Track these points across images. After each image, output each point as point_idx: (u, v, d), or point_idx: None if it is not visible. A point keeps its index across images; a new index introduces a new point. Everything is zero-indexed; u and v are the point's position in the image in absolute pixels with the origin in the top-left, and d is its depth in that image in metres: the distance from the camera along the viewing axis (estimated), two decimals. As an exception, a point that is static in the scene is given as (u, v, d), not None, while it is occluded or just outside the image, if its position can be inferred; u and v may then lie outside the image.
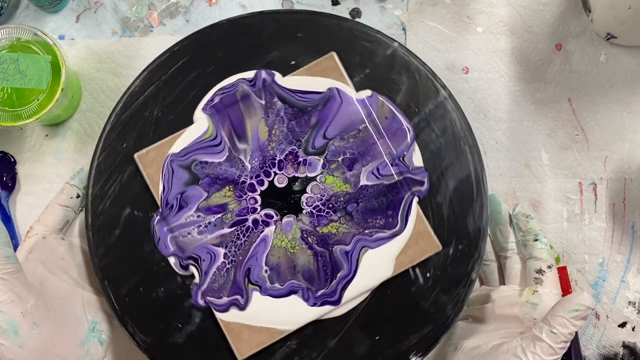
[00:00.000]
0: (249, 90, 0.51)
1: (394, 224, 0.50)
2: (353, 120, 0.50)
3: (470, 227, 0.50)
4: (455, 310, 0.50)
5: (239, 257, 0.50)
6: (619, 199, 0.58)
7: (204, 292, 0.49)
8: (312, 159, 0.51)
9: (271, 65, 0.52)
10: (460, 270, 0.50)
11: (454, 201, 0.51)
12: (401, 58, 0.52)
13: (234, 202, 0.50)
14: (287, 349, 0.50)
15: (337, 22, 0.52)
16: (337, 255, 0.50)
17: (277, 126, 0.51)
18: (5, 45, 0.52)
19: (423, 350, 0.50)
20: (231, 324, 0.49)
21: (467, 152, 0.51)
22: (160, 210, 0.50)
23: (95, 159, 0.51)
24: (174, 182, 0.50)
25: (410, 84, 0.52)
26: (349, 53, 0.52)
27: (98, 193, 0.51)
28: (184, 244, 0.50)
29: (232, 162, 0.50)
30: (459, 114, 0.52)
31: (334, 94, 0.51)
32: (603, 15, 0.54)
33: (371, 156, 0.50)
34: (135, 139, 0.51)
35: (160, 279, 0.50)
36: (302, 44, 0.52)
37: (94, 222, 0.50)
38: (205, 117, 0.51)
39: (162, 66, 0.52)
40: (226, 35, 0.52)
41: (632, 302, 0.57)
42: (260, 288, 0.49)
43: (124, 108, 0.51)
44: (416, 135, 0.51)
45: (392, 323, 0.50)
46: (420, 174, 0.50)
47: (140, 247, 0.50)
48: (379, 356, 0.50)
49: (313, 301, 0.49)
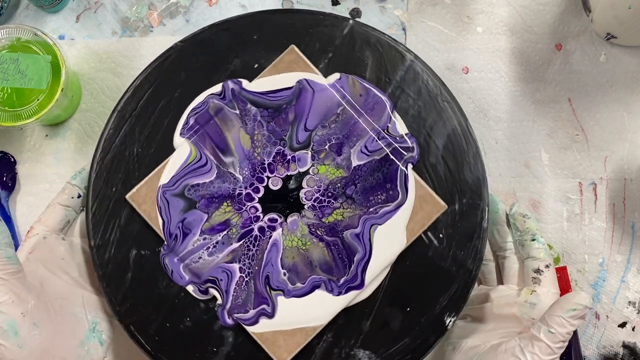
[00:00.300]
0: (220, 103, 0.51)
1: (396, 195, 0.50)
2: (329, 106, 0.51)
3: (469, 179, 0.51)
4: (476, 262, 0.50)
5: (254, 267, 0.50)
6: (619, 199, 0.57)
7: (229, 310, 0.49)
8: (300, 154, 0.51)
9: (236, 73, 0.52)
10: (471, 223, 0.51)
11: (447, 158, 0.51)
12: (359, 34, 0.52)
13: (236, 216, 0.50)
14: (325, 343, 0.50)
15: (288, 15, 0.52)
16: (349, 240, 0.50)
17: (258, 131, 0.51)
18: (5, 45, 0.52)
19: (455, 309, 0.50)
20: (264, 334, 0.49)
21: (446, 107, 0.51)
22: (166, 243, 0.50)
23: (90, 210, 0.50)
24: (171, 213, 0.50)
25: (375, 56, 0.52)
26: (308, 42, 0.52)
27: (100, 243, 0.50)
28: (198, 269, 0.50)
29: (224, 178, 0.50)
30: (429, 73, 0.52)
31: (304, 86, 0.51)
32: (603, 15, 0.54)
33: (356, 136, 0.50)
34: (122, 180, 0.51)
35: (183, 309, 0.50)
36: (260, 45, 0.52)
37: (105, 272, 0.50)
38: (185, 141, 0.50)
39: (130, 103, 0.52)
40: (183, 57, 0.52)
41: (632, 302, 0.57)
42: (283, 292, 0.49)
43: (104, 153, 0.51)
44: (394, 104, 0.51)
45: (418, 291, 0.51)
46: (407, 140, 0.51)
47: (156, 284, 0.50)
48: (414, 326, 0.50)
49: (337, 291, 0.49)
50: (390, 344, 0.50)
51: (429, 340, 0.50)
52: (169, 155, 0.51)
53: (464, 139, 0.51)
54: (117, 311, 0.50)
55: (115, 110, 0.52)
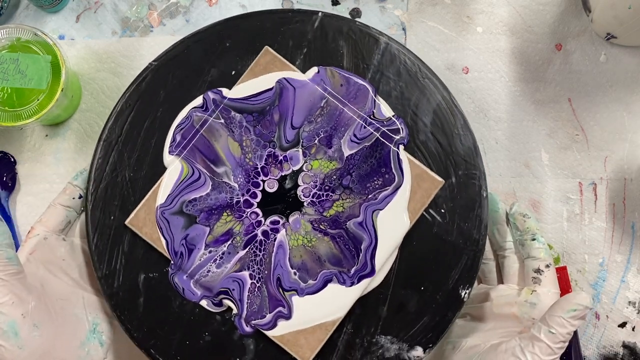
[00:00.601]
0: (204, 115, 0.51)
1: (392, 178, 0.50)
2: (312, 101, 0.51)
3: (461, 150, 0.51)
4: (481, 231, 0.51)
5: (264, 272, 0.50)
6: (619, 199, 0.57)
7: (246, 318, 0.49)
8: (291, 153, 0.51)
9: (214, 84, 0.52)
10: (470, 193, 0.51)
11: (436, 133, 0.51)
12: (330, 25, 0.52)
13: (238, 224, 0.50)
14: (346, 335, 0.50)
15: (256, 17, 0.52)
16: (353, 230, 0.50)
17: (245, 137, 0.51)
18: (5, 45, 0.52)
19: (468, 280, 0.50)
20: (285, 336, 0.49)
21: (428, 84, 0.52)
22: (173, 262, 0.50)
23: (92, 242, 0.50)
24: (173, 231, 0.50)
25: (349, 44, 0.52)
26: (280, 41, 0.52)
27: (107, 272, 0.50)
28: (208, 282, 0.50)
29: (219, 188, 0.50)
30: (405, 52, 0.52)
31: (284, 84, 0.51)
32: (603, 15, 0.54)
33: (344, 125, 0.50)
34: (119, 207, 0.51)
35: (200, 325, 0.50)
36: (234, 52, 0.52)
37: (117, 301, 0.50)
38: (176, 158, 0.50)
39: (114, 129, 0.51)
40: (159, 75, 0.52)
41: (632, 302, 0.57)
42: (296, 291, 0.49)
43: (96, 183, 0.51)
44: (375, 88, 0.51)
45: (429, 269, 0.51)
46: (395, 122, 0.51)
47: (169, 304, 0.50)
48: (431, 304, 0.50)
49: (350, 281, 0.49)
50: (410, 326, 0.50)
51: (447, 315, 0.50)
52: (161, 175, 0.50)
53: (450, 112, 0.51)
54: (134, 337, 0.50)
55: (101, 139, 0.51)
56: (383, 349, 0.50)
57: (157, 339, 0.50)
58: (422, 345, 0.50)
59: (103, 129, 0.51)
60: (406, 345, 0.50)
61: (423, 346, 0.50)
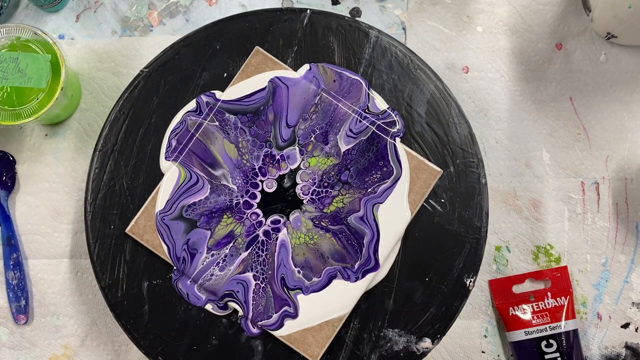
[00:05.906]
0: (198, 119, 0.50)
1: (391, 171, 0.50)
2: (306, 98, 0.50)
3: (458, 139, 0.51)
4: (483, 219, 0.51)
5: (268, 272, 0.49)
6: (622, 198, 0.57)
7: (252, 320, 0.49)
8: (288, 152, 0.50)
9: (206, 87, 0.51)
10: (469, 181, 0.51)
11: (432, 124, 0.51)
12: (319, 22, 0.52)
13: (239, 226, 0.50)
14: (354, 330, 0.50)
15: (245, 18, 0.52)
16: (354, 225, 0.50)
17: (241, 138, 0.50)
18: (5, 45, 0.51)
19: (473, 269, 0.50)
20: (292, 335, 0.49)
21: (420, 75, 0.52)
22: (175, 268, 0.50)
23: (93, 253, 0.50)
24: (174, 237, 0.50)
25: (340, 40, 0.52)
26: (271, 41, 0.52)
27: (110, 282, 0.50)
28: (213, 286, 0.49)
29: (218, 191, 0.50)
30: (395, 44, 0.52)
31: (277, 83, 0.50)
32: (603, 14, 0.54)
33: (339, 121, 0.50)
34: (118, 216, 0.50)
35: (207, 329, 0.50)
36: (225, 54, 0.52)
37: (122, 310, 0.50)
38: (172, 164, 0.50)
39: (109, 138, 0.51)
40: (151, 82, 0.52)
41: (636, 302, 0.56)
42: (301, 290, 0.49)
43: (94, 194, 0.51)
44: (368, 82, 0.51)
45: (433, 259, 0.51)
46: (389, 115, 0.51)
47: (174, 310, 0.50)
48: (437, 294, 0.50)
49: (354, 277, 0.49)
50: (417, 318, 0.50)
51: (453, 305, 0.50)
52: (158, 181, 0.50)
53: (444, 101, 0.51)
54: (141, 345, 0.50)
55: (96, 149, 0.51)
56: (391, 342, 0.50)
57: (164, 346, 0.50)
58: (430, 337, 0.50)
59: (98, 139, 0.51)
60: (414, 337, 0.50)
61: (431, 337, 0.50)
